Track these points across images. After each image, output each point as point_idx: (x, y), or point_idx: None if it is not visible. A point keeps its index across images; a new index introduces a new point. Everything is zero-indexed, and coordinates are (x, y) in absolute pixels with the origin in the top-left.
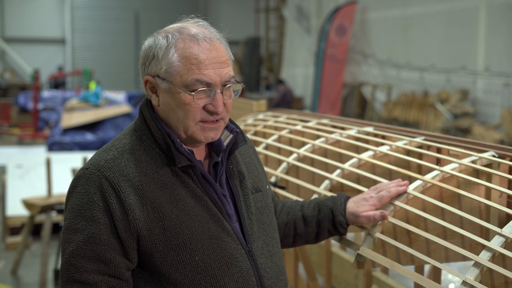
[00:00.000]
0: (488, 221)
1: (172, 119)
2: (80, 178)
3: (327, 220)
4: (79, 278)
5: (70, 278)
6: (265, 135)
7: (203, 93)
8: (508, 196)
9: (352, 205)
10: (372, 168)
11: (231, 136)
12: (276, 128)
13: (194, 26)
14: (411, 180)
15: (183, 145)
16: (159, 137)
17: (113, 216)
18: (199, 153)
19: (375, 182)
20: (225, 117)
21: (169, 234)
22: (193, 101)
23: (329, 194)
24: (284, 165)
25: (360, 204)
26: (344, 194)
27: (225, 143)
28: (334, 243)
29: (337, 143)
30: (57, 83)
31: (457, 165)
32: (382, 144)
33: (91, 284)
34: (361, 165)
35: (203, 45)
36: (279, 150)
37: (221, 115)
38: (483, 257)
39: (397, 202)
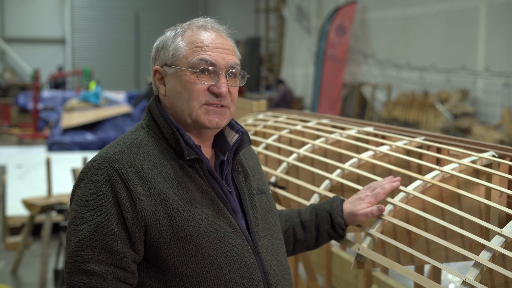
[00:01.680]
0: (488, 221)
1: (178, 104)
2: (88, 170)
3: (325, 223)
4: (85, 268)
5: (76, 268)
6: (265, 135)
7: (207, 74)
8: (508, 196)
9: (349, 205)
10: (372, 168)
11: (237, 136)
12: (276, 128)
13: (202, 20)
14: (411, 180)
15: (191, 139)
16: (167, 131)
17: (121, 206)
18: (206, 152)
19: None
20: (230, 106)
21: (176, 226)
22: (197, 80)
23: (329, 194)
24: (284, 165)
25: (357, 204)
26: (339, 196)
27: (231, 143)
28: (334, 243)
29: (337, 143)
30: (57, 83)
31: (457, 165)
32: (382, 144)
33: (97, 275)
34: (361, 165)
35: (210, 32)
36: (279, 150)
37: (226, 101)
38: (483, 257)
39: (397, 202)
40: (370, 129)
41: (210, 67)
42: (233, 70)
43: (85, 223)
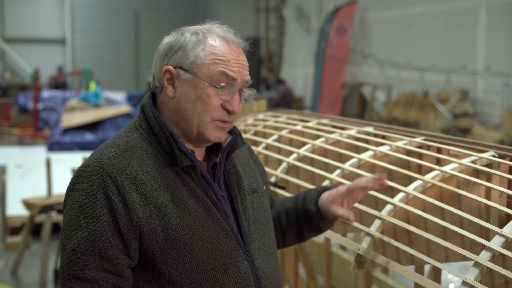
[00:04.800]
0: (488, 221)
1: (188, 112)
2: (81, 175)
3: (302, 210)
4: (80, 275)
5: (71, 275)
6: (265, 135)
7: (226, 90)
8: (508, 196)
9: (325, 195)
10: (372, 168)
11: (230, 137)
12: (276, 128)
13: (222, 29)
14: (411, 180)
15: (185, 145)
16: (161, 136)
17: (116, 214)
18: (199, 154)
19: None
20: (233, 121)
21: (170, 233)
22: (217, 96)
23: None
24: (284, 165)
25: (331, 194)
26: (327, 186)
27: (224, 145)
28: (334, 243)
29: (337, 143)
30: (57, 84)
31: (457, 165)
32: (382, 144)
33: (92, 282)
34: (361, 165)
35: (232, 47)
36: (279, 150)
37: (234, 117)
38: (483, 257)
39: (397, 202)
40: (370, 129)
41: (228, 83)
42: (244, 89)
43: (80, 230)
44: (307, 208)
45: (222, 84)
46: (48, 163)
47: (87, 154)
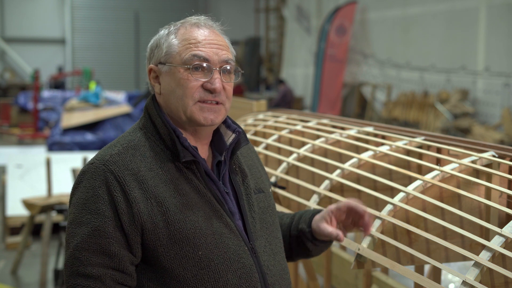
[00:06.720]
0: (488, 221)
1: (172, 101)
2: (85, 173)
3: (296, 229)
4: (83, 271)
5: (74, 271)
6: (265, 135)
7: (201, 71)
8: (508, 196)
9: (318, 215)
10: (372, 168)
11: (233, 135)
12: (276, 128)
13: (195, 18)
14: (411, 180)
15: (188, 141)
16: (164, 132)
17: (118, 209)
18: (203, 152)
19: (375, 182)
20: (225, 102)
21: (172, 228)
22: (191, 77)
23: (329, 194)
24: (284, 165)
25: (322, 215)
26: (322, 209)
27: (227, 143)
28: (334, 243)
29: (337, 143)
30: (57, 84)
31: (457, 165)
32: (382, 144)
33: (95, 278)
34: (361, 165)
35: (203, 30)
36: (279, 150)
37: (220, 97)
38: (483, 257)
39: (397, 202)
40: (370, 129)
41: (204, 64)
42: (227, 66)
43: (83, 226)
44: (300, 228)
45: (195, 63)
46: (48, 163)
47: (87, 154)
